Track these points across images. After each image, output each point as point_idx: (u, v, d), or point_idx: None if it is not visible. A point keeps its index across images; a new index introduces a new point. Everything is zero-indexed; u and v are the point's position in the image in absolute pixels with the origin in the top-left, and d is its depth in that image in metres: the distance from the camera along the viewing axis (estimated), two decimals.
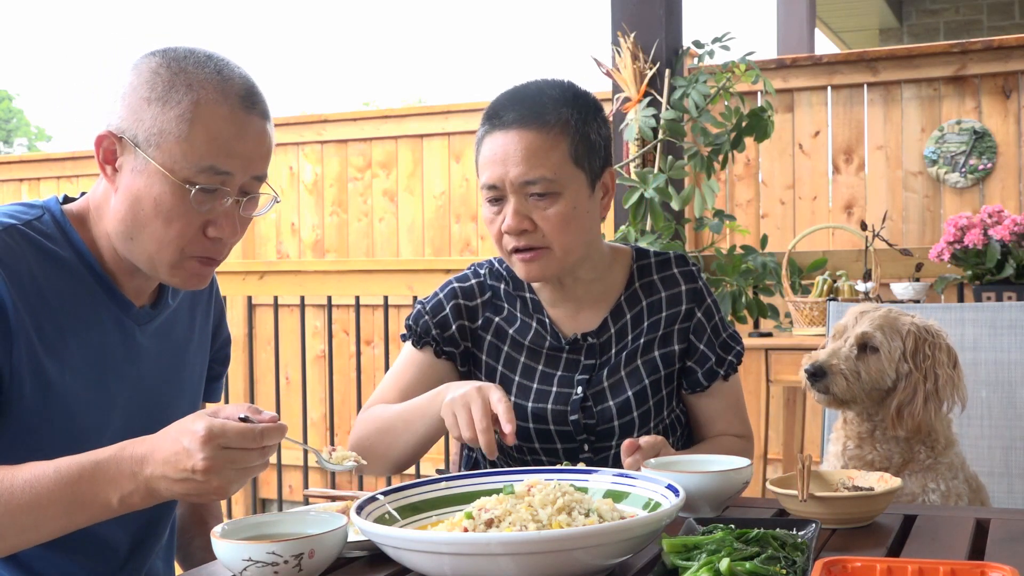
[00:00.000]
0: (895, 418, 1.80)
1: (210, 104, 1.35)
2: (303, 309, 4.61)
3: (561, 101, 1.68)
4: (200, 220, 1.39)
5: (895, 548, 1.28)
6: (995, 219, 3.40)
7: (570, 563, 1.07)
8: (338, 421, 4.96)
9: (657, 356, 1.77)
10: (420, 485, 1.34)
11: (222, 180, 1.37)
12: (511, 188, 1.65)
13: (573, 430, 1.75)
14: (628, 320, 1.79)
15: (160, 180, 1.35)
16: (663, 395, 1.78)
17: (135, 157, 1.36)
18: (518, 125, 1.64)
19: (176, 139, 1.34)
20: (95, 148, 1.39)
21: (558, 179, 1.64)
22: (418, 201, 5.19)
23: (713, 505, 1.40)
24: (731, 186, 4.46)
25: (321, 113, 5.44)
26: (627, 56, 3.64)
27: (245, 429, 1.20)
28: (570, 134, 1.66)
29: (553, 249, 1.67)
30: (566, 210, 1.65)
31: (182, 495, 1.24)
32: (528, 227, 1.65)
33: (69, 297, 1.40)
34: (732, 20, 41.92)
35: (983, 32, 8.31)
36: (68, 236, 1.43)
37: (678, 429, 1.83)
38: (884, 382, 1.82)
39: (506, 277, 1.84)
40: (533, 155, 1.63)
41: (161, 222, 1.37)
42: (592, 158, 1.69)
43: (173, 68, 1.37)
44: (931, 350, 1.83)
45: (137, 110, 1.36)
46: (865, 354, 1.83)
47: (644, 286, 1.81)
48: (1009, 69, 4.01)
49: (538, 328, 1.79)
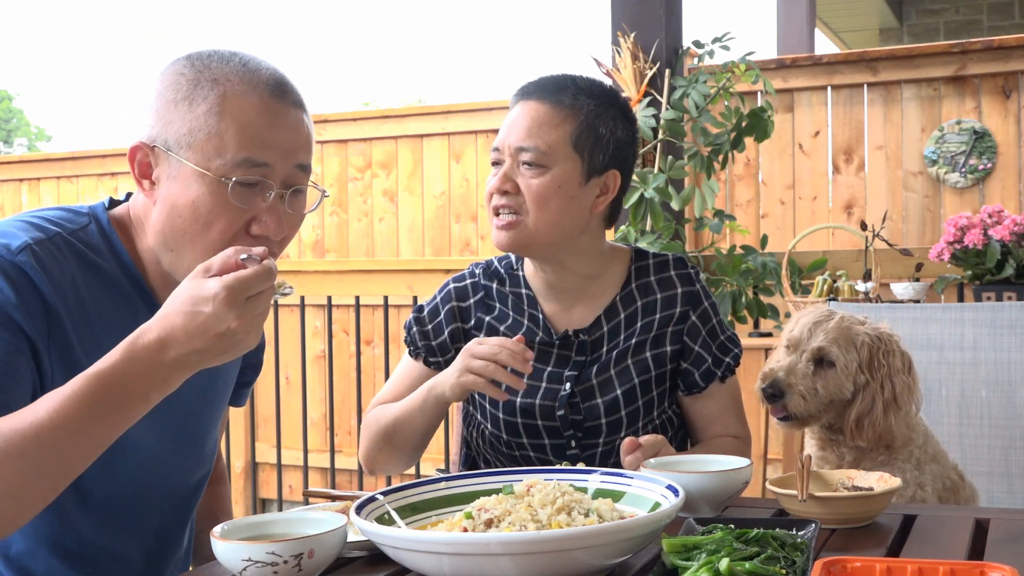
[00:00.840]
0: (855, 429, 1.81)
1: (237, 95, 1.32)
2: (303, 309, 4.60)
3: (585, 90, 1.74)
4: (243, 219, 1.33)
5: (895, 548, 1.28)
6: (995, 219, 3.40)
7: (570, 563, 1.07)
8: (338, 421, 4.96)
9: (649, 357, 1.78)
10: (420, 485, 1.34)
11: (262, 172, 1.32)
12: (508, 152, 1.72)
13: (560, 426, 1.76)
14: (622, 319, 1.79)
15: (196, 181, 1.31)
16: (653, 396, 1.79)
17: (169, 163, 1.32)
18: (536, 97, 1.73)
19: (207, 135, 1.30)
20: (129, 163, 1.35)
21: (550, 153, 1.69)
22: (418, 201, 5.19)
23: (713, 505, 1.40)
24: (731, 186, 4.46)
25: (321, 113, 5.43)
26: (627, 56, 3.64)
27: (261, 271, 1.16)
28: (579, 119, 1.72)
29: (527, 221, 1.70)
30: (549, 185, 1.70)
31: (217, 360, 1.18)
32: (510, 188, 1.71)
33: (111, 311, 1.36)
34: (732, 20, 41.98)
35: (983, 32, 8.31)
36: (114, 248, 1.39)
37: (669, 430, 1.83)
38: (843, 394, 1.83)
39: (502, 275, 1.86)
40: (536, 125, 1.71)
41: (201, 225, 1.31)
42: (595, 150, 1.73)
43: (197, 67, 1.34)
44: (885, 358, 1.83)
45: (165, 114, 1.33)
46: (822, 368, 1.83)
47: (640, 287, 1.81)
48: (1009, 69, 4.01)
49: (530, 324, 1.81)
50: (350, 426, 5.04)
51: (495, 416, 1.79)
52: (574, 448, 1.76)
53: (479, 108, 5.05)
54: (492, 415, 1.80)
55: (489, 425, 1.81)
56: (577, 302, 1.81)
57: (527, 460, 1.79)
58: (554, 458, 1.77)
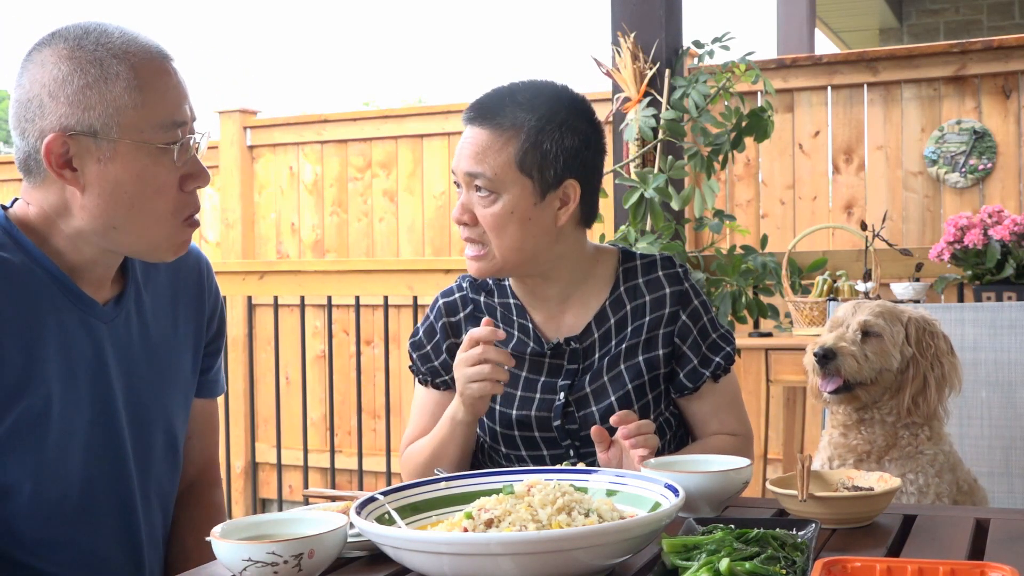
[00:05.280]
0: (911, 407, 1.86)
1: (144, 64, 1.36)
2: (303, 309, 4.60)
3: (525, 105, 1.69)
4: (176, 179, 1.39)
5: (895, 548, 1.28)
6: (995, 219, 3.40)
7: (570, 563, 1.07)
8: (338, 421, 4.96)
9: (641, 361, 1.76)
10: (420, 485, 1.34)
11: (184, 131, 1.39)
12: (463, 179, 1.71)
13: (557, 436, 1.75)
14: (612, 325, 1.78)
15: (137, 155, 1.35)
16: (648, 399, 1.77)
17: (97, 146, 1.34)
18: (476, 122, 1.71)
19: (134, 109, 1.34)
20: (44, 159, 1.34)
21: (497, 179, 1.68)
22: (418, 201, 5.19)
23: (713, 505, 1.39)
24: (731, 186, 4.46)
25: (321, 113, 5.43)
26: (627, 56, 3.64)
27: None
28: (520, 140, 1.68)
29: (492, 250, 1.71)
30: (502, 212, 1.68)
31: None
32: (468, 220, 1.71)
33: (25, 305, 1.36)
34: (732, 20, 41.95)
35: (983, 32, 8.32)
36: (18, 241, 1.38)
37: (667, 432, 1.82)
38: (891, 364, 1.88)
39: (489, 287, 1.85)
40: (480, 151, 1.69)
41: (149, 195, 1.37)
42: (543, 167, 1.68)
43: (87, 47, 1.35)
44: (932, 339, 1.91)
45: (79, 100, 1.33)
46: (869, 339, 1.89)
47: (629, 290, 1.79)
48: (1009, 69, 4.01)
49: (520, 335, 1.80)
50: (350, 426, 5.04)
51: (492, 429, 1.78)
52: (572, 457, 1.76)
53: None
54: (489, 428, 1.79)
55: (487, 437, 1.80)
56: (565, 308, 1.79)
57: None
58: (566, 463, 1.76)
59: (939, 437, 1.89)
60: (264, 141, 5.50)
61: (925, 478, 1.82)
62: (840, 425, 1.93)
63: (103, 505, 1.47)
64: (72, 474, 1.42)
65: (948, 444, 1.91)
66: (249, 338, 4.95)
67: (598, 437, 1.59)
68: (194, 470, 1.69)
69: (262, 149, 5.53)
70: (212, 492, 1.72)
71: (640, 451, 1.51)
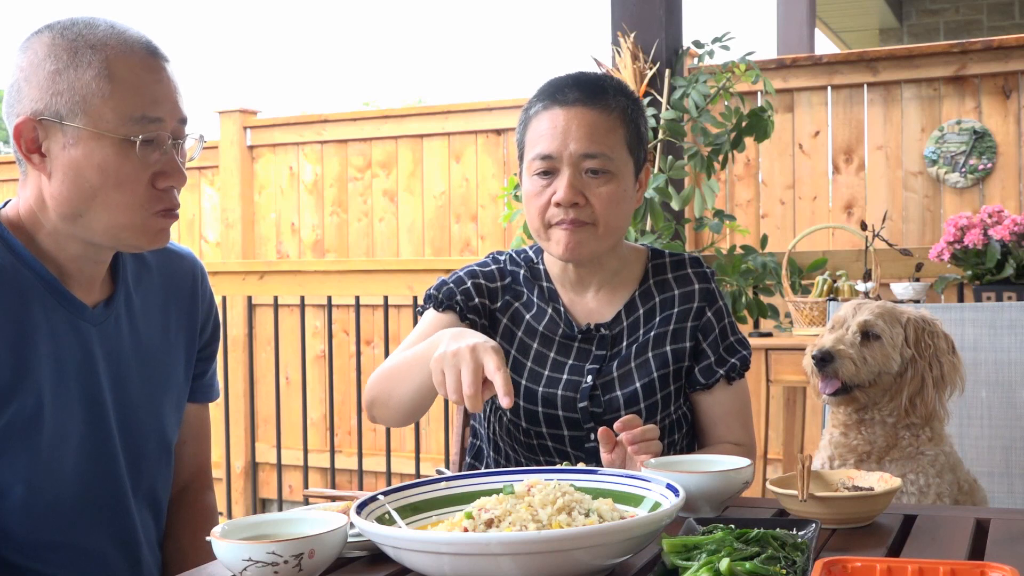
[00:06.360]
0: (908, 408, 1.86)
1: (121, 57, 1.35)
2: (303, 309, 4.60)
3: (619, 90, 1.75)
4: (147, 175, 1.37)
5: (895, 548, 1.28)
6: (995, 219, 3.40)
7: (570, 563, 1.07)
8: (338, 421, 4.97)
9: (668, 351, 1.79)
10: (420, 485, 1.34)
11: (157, 127, 1.37)
12: (568, 160, 1.69)
13: (581, 417, 1.76)
14: (641, 314, 1.81)
15: (99, 144, 1.34)
16: (671, 390, 1.79)
17: (63, 132, 1.34)
18: (581, 103, 1.70)
19: (101, 98, 1.33)
20: (15, 143, 1.35)
21: (615, 159, 1.70)
22: (418, 201, 5.19)
23: (713, 505, 1.39)
24: (731, 186, 4.46)
25: (321, 113, 5.43)
26: (627, 56, 3.64)
27: None
28: (626, 122, 1.73)
29: (598, 226, 1.71)
30: (617, 192, 1.71)
31: None
32: (580, 201, 1.69)
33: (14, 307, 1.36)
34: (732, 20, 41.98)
35: (983, 32, 8.31)
36: (6, 242, 1.38)
37: (683, 426, 1.84)
38: (890, 366, 1.88)
39: (524, 265, 1.86)
40: (595, 131, 1.69)
41: (111, 186, 1.35)
42: (639, 149, 1.76)
43: (68, 36, 1.35)
44: (931, 339, 1.90)
45: (49, 86, 1.34)
46: (868, 341, 1.89)
47: (658, 283, 1.83)
48: (1009, 69, 4.01)
49: (553, 315, 1.81)
50: (350, 426, 5.04)
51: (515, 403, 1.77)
52: (592, 441, 1.75)
53: (479, 108, 5.05)
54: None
55: (508, 411, 1.80)
56: (598, 297, 1.82)
57: (544, 449, 1.79)
58: (572, 449, 1.77)
59: (940, 438, 1.89)
60: (264, 141, 5.50)
61: (926, 478, 1.82)
62: (841, 425, 1.93)
63: (97, 506, 1.47)
64: (65, 476, 1.42)
65: (949, 444, 1.91)
66: (249, 338, 4.95)
67: (603, 438, 1.59)
68: (187, 474, 1.68)
69: (262, 149, 5.53)
70: (205, 495, 1.72)
71: (642, 456, 1.51)
